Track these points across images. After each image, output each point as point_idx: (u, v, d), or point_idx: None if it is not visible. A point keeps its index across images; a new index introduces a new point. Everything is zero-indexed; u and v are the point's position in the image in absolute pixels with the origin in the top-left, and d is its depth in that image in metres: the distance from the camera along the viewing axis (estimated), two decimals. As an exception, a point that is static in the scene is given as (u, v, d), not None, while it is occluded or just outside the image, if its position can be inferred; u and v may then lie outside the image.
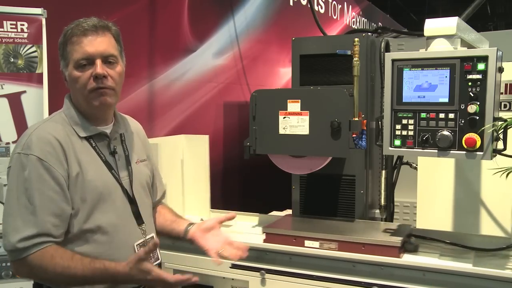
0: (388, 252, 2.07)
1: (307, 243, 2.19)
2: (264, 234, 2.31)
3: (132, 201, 1.74)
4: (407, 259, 2.08)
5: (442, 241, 2.22)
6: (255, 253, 2.27)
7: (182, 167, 2.77)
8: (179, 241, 1.93)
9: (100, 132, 1.70)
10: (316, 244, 2.18)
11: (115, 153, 1.73)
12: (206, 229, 1.87)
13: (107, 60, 1.64)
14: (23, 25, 2.43)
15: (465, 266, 1.98)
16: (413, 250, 2.14)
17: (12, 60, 2.42)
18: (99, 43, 1.62)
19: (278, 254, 2.25)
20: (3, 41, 2.41)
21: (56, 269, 1.53)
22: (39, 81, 2.45)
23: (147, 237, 1.76)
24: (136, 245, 1.71)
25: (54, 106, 2.49)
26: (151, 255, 1.75)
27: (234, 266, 2.29)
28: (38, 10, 2.46)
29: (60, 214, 1.56)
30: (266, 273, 2.24)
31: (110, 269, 1.57)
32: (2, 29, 2.40)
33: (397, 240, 2.08)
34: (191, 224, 1.90)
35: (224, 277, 2.30)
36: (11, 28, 2.42)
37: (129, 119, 1.91)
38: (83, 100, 1.65)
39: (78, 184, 1.60)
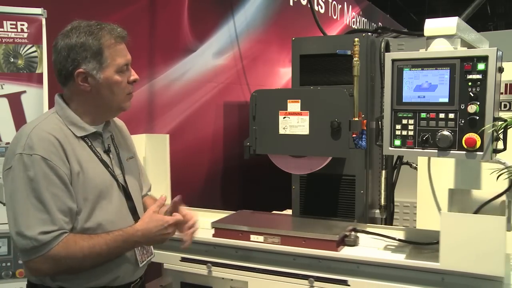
0: (326, 246, 2.14)
1: (253, 237, 2.27)
2: (213, 229, 2.39)
3: (128, 197, 1.79)
4: (345, 252, 2.16)
5: (382, 235, 2.31)
6: (204, 247, 2.36)
7: (145, 165, 2.80)
8: None
9: (95, 132, 1.74)
10: (260, 238, 2.26)
11: (109, 151, 1.78)
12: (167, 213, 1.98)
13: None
14: (23, 25, 2.43)
15: (397, 258, 2.05)
16: (353, 244, 2.22)
17: (12, 60, 2.42)
18: (128, 51, 1.77)
19: (225, 248, 2.33)
20: (3, 41, 2.41)
21: (84, 251, 1.58)
22: (39, 81, 2.45)
23: None
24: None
25: (53, 106, 2.49)
26: (145, 251, 1.83)
27: (183, 260, 2.39)
28: (38, 10, 2.46)
29: (68, 211, 1.60)
30: (212, 265, 2.32)
31: (129, 230, 1.65)
32: (2, 29, 2.40)
33: (335, 234, 2.16)
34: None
35: (223, 278, 2.31)
36: (11, 28, 2.42)
37: (115, 119, 1.95)
38: (116, 103, 1.74)
39: (80, 183, 1.63)
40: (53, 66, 1.71)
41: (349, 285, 2.08)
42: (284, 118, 2.45)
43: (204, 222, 2.39)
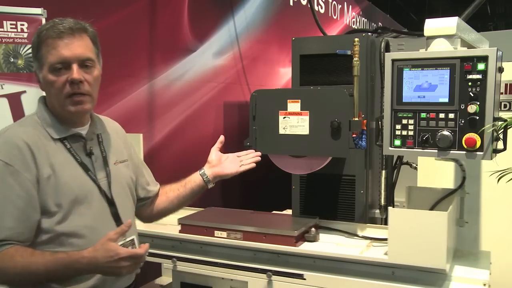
0: (285, 241, 2.19)
1: (217, 233, 2.32)
2: (180, 225, 2.43)
3: (111, 202, 1.71)
4: (303, 247, 2.21)
5: (343, 231, 2.39)
6: (170, 243, 2.42)
7: None
8: (206, 189, 2.07)
9: (74, 134, 1.67)
10: (224, 234, 2.31)
11: (91, 154, 1.69)
12: (218, 163, 2.09)
13: (84, 64, 1.60)
14: (23, 25, 2.43)
15: (350, 253, 2.12)
16: (313, 240, 2.26)
17: (12, 60, 2.42)
18: (76, 47, 1.57)
19: (190, 243, 2.39)
20: (3, 41, 2.41)
21: (16, 268, 1.48)
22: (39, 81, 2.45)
23: (127, 239, 1.67)
24: None
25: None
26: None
27: (149, 255, 2.35)
28: (38, 10, 2.46)
29: (25, 220, 1.52)
30: (178, 260, 2.36)
31: (74, 255, 1.52)
32: (2, 29, 2.40)
33: (294, 230, 2.21)
34: (201, 172, 2.05)
35: (223, 278, 2.31)
36: (11, 28, 2.42)
37: (107, 120, 1.88)
38: (59, 104, 1.62)
39: (50, 187, 1.55)
40: None
41: (305, 279, 2.13)
42: (284, 118, 2.45)
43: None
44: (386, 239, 2.21)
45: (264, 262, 2.23)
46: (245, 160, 2.15)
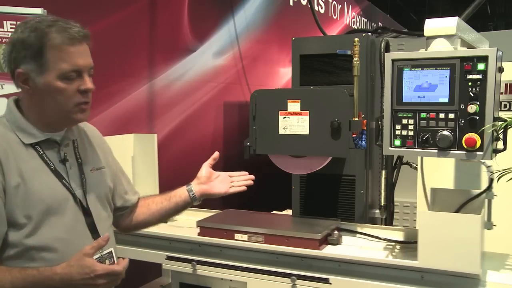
0: (309, 245, 2.15)
1: (237, 236, 2.28)
2: (199, 227, 2.39)
3: (86, 212, 1.59)
4: (327, 251, 2.17)
5: (367, 234, 2.33)
6: (189, 246, 2.37)
7: (133, 165, 2.81)
8: (190, 206, 2.00)
9: (48, 138, 1.55)
10: (245, 237, 2.27)
11: (66, 160, 1.58)
12: (207, 180, 1.96)
13: (90, 72, 1.55)
14: (23, 25, 2.43)
15: (376, 256, 2.08)
16: (336, 243, 2.23)
17: (12, 60, 2.42)
18: (86, 55, 1.52)
19: (210, 246, 2.34)
20: (3, 41, 2.40)
21: None
22: (39, 81, 2.45)
23: (104, 252, 1.60)
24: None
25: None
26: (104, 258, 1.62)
27: (168, 258, 2.39)
28: (38, 10, 2.45)
29: None
30: (197, 264, 2.32)
31: (45, 272, 1.41)
32: (2, 29, 2.40)
33: (317, 233, 2.17)
34: (188, 188, 1.94)
35: (222, 278, 2.31)
36: (11, 28, 2.41)
37: (83, 125, 1.75)
38: (62, 112, 1.53)
39: (19, 197, 1.44)
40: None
41: (330, 283, 2.09)
42: (284, 118, 2.45)
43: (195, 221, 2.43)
44: (410, 242, 2.18)
45: (287, 265, 2.18)
46: (236, 181, 2.07)
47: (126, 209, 1.90)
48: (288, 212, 2.96)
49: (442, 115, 1.93)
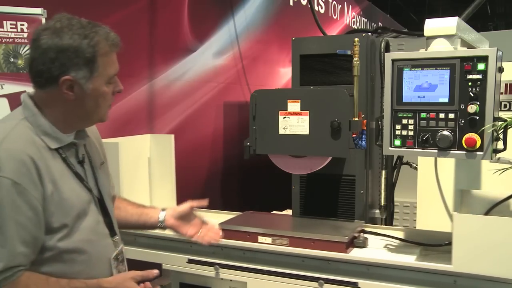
0: (335, 248, 2.11)
1: (260, 239, 2.25)
2: (220, 230, 2.34)
3: (105, 213, 1.65)
4: (354, 254, 2.13)
5: (392, 237, 2.28)
6: (211, 249, 2.32)
7: (149, 166, 2.80)
8: (151, 229, 1.99)
9: (70, 142, 1.57)
10: (269, 240, 2.23)
11: (83, 162, 1.61)
12: (181, 216, 1.90)
13: None
14: (23, 25, 2.43)
15: (406, 260, 2.03)
16: (362, 246, 2.19)
17: (12, 60, 2.42)
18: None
19: (232, 249, 2.31)
20: (3, 41, 2.40)
21: None
22: (39, 81, 2.45)
23: (118, 249, 1.67)
24: (112, 259, 1.64)
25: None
26: (121, 267, 1.70)
27: (190, 261, 2.36)
28: (38, 10, 2.45)
29: (32, 241, 1.43)
30: (220, 267, 2.29)
31: (92, 285, 1.50)
32: (2, 29, 2.40)
33: (344, 236, 2.13)
34: (163, 210, 1.91)
35: (222, 278, 2.30)
36: (11, 28, 2.41)
37: None
38: (97, 115, 1.57)
39: (54, 205, 1.46)
40: (30, 64, 1.49)
41: (359, 287, 2.05)
42: (284, 118, 2.45)
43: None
44: (437, 245, 2.14)
45: (313, 269, 2.15)
46: (204, 233, 1.95)
47: None
48: (288, 212, 2.96)
49: (442, 115, 1.93)
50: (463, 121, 1.89)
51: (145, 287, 1.57)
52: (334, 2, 6.45)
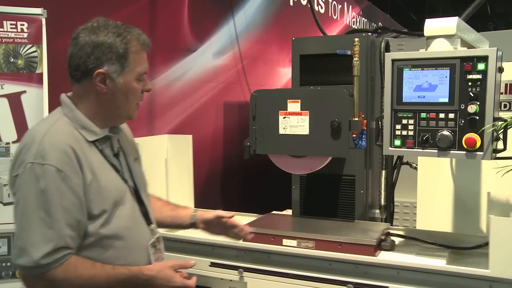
0: (364, 251, 2.08)
1: (285, 241, 2.22)
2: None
3: (140, 201, 1.74)
4: (383, 257, 2.10)
5: (419, 239, 2.24)
6: (234, 252, 2.30)
7: (166, 166, 2.78)
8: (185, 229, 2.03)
9: (105, 135, 1.67)
10: (294, 243, 2.20)
11: (118, 154, 1.72)
12: (209, 223, 1.96)
13: None
14: (23, 25, 2.43)
15: (438, 264, 1.99)
16: (390, 249, 2.16)
17: (12, 60, 2.42)
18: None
19: (256, 252, 2.27)
20: (3, 41, 2.41)
21: (82, 280, 1.51)
22: (39, 81, 2.45)
23: (155, 237, 1.76)
24: (149, 246, 1.71)
25: (54, 106, 2.47)
26: (158, 255, 1.77)
27: (213, 265, 2.33)
28: (38, 10, 2.46)
29: (77, 225, 1.52)
30: (244, 271, 2.26)
31: (134, 270, 1.58)
32: (2, 29, 2.40)
33: (372, 238, 2.10)
34: (193, 220, 1.97)
35: (222, 278, 2.30)
36: (11, 28, 2.41)
37: None
38: (126, 111, 1.68)
39: (93, 192, 1.55)
40: (69, 60, 1.61)
41: None
42: (284, 118, 2.45)
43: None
44: (466, 248, 2.11)
45: (341, 273, 2.10)
46: (239, 231, 1.98)
47: None
48: (288, 212, 2.96)
49: (442, 115, 1.93)
50: (463, 121, 1.89)
51: (182, 276, 1.63)
52: (334, 2, 6.45)
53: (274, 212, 2.92)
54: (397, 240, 2.28)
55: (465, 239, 2.23)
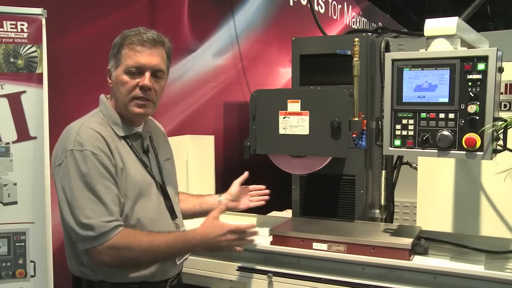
0: (398, 255, 2.02)
1: (315, 245, 2.17)
2: (271, 236, 2.27)
3: (166, 196, 1.85)
4: (418, 261, 2.03)
5: (453, 243, 2.17)
6: (262, 255, 2.25)
7: (187, 168, 2.76)
8: None
9: (135, 132, 1.82)
10: (324, 246, 2.15)
11: (148, 151, 1.85)
12: (237, 199, 2.24)
13: (156, 74, 1.76)
14: (23, 25, 2.43)
15: (477, 269, 1.93)
16: (423, 253, 2.09)
17: (12, 60, 2.42)
18: (152, 57, 1.74)
19: (285, 256, 2.22)
20: (3, 41, 2.40)
21: (142, 244, 1.65)
22: (39, 81, 2.45)
23: (179, 230, 1.87)
24: None
25: (54, 106, 2.48)
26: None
27: (240, 269, 2.27)
28: (38, 10, 2.45)
29: (119, 202, 1.67)
30: (273, 275, 2.20)
31: (189, 232, 1.74)
32: (2, 29, 2.40)
33: (407, 242, 2.04)
34: (220, 196, 2.21)
35: (222, 279, 2.30)
36: (11, 28, 2.41)
37: (152, 120, 2.06)
38: (123, 104, 1.76)
39: (123, 179, 1.70)
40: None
41: None
42: (284, 118, 2.45)
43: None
44: (503, 252, 2.07)
45: (374, 277, 2.04)
46: (255, 196, 2.31)
47: None
48: (288, 212, 2.96)
49: (442, 115, 1.93)
50: (463, 121, 1.89)
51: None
52: (334, 2, 6.45)
53: (273, 212, 2.92)
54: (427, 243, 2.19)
55: (497, 243, 2.17)
